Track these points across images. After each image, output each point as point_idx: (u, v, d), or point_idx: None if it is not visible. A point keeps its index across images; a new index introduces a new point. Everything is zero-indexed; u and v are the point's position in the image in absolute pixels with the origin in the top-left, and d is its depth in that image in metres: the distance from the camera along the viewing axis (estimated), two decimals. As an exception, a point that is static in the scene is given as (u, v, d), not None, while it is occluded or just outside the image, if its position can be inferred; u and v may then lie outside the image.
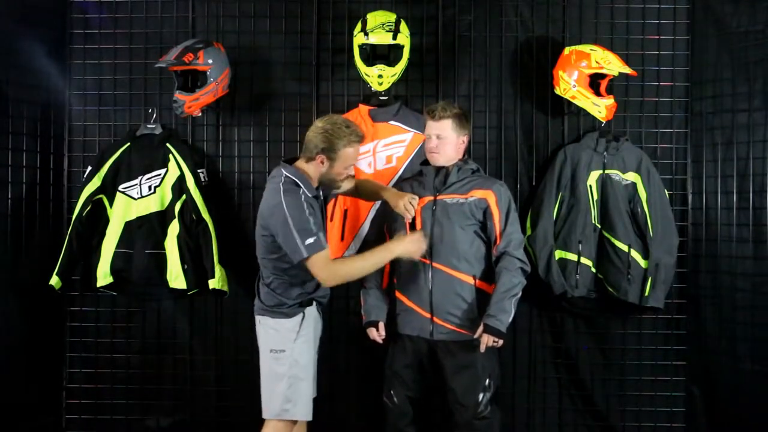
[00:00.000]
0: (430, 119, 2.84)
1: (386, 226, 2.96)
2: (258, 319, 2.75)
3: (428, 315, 2.78)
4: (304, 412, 2.67)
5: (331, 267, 2.56)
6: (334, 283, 2.61)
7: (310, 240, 2.49)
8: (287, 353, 2.65)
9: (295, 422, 2.71)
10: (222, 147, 3.49)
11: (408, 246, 2.64)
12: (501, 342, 2.70)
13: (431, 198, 2.84)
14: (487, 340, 2.67)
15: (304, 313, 2.69)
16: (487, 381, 2.78)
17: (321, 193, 2.79)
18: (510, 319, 2.71)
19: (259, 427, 2.73)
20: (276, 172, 2.67)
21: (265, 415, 2.70)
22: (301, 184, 2.61)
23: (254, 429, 2.78)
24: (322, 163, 2.63)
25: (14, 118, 3.31)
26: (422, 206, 2.83)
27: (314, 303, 2.75)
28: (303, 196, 2.56)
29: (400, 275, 2.89)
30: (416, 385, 2.89)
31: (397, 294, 2.90)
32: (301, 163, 2.68)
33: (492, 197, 2.80)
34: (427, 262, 2.78)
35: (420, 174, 2.94)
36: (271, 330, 2.69)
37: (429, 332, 2.79)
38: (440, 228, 2.79)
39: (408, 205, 2.73)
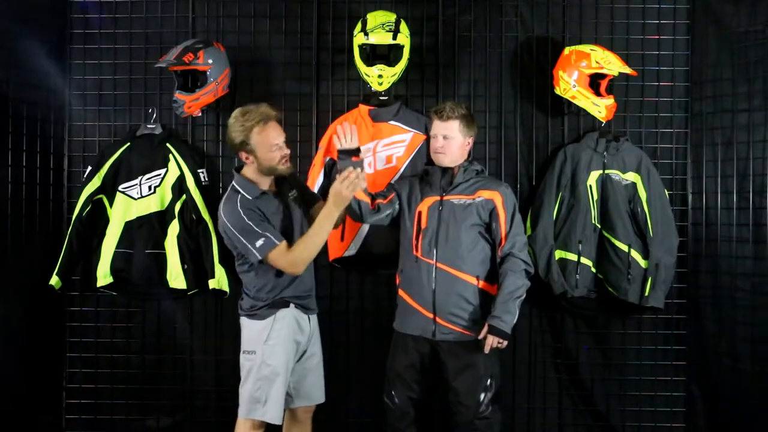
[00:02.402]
0: (437, 119, 2.84)
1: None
2: (240, 320, 2.79)
3: (431, 315, 2.78)
4: (271, 414, 2.65)
5: (290, 256, 2.60)
6: (300, 268, 2.63)
7: (260, 242, 2.55)
8: (257, 354, 2.66)
9: (264, 425, 2.70)
10: (222, 147, 3.48)
11: (340, 192, 2.59)
12: (505, 343, 2.71)
13: (438, 198, 2.84)
14: (491, 341, 2.68)
15: (275, 315, 2.68)
16: (489, 381, 2.78)
17: (291, 191, 2.79)
18: (514, 321, 2.72)
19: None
20: None
21: (239, 414, 2.72)
22: (240, 190, 2.65)
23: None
24: (248, 158, 2.65)
25: (14, 118, 3.31)
26: (429, 206, 2.84)
27: (291, 305, 2.72)
28: (240, 203, 2.60)
29: (403, 274, 2.90)
30: (417, 385, 2.89)
31: (400, 293, 2.90)
32: (244, 168, 2.73)
33: (499, 198, 2.81)
34: (431, 261, 2.78)
35: (426, 174, 2.95)
36: (246, 330, 2.73)
37: (431, 332, 2.79)
38: (446, 228, 2.79)
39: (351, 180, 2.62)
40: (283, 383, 2.67)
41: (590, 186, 3.25)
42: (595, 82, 3.22)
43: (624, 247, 3.19)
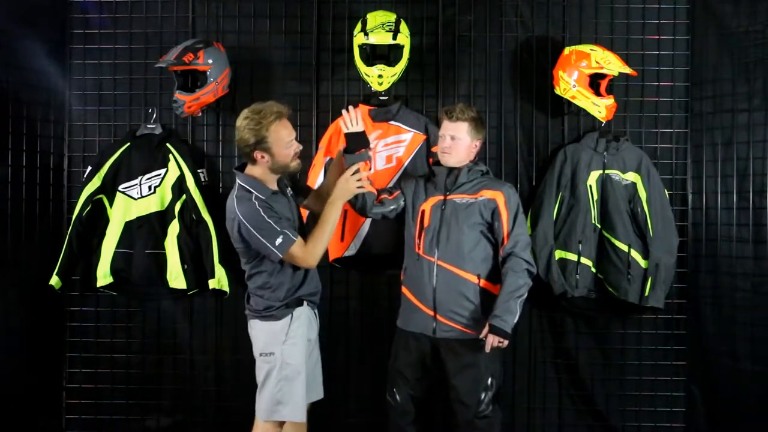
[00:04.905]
0: (446, 119, 2.85)
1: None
2: (249, 323, 2.76)
3: (432, 313, 2.79)
4: (294, 413, 2.65)
5: (307, 251, 2.62)
6: (315, 261, 2.66)
7: (279, 239, 2.54)
8: (276, 355, 2.65)
9: (282, 424, 2.70)
10: (222, 147, 3.48)
11: (344, 188, 2.72)
12: (506, 342, 2.71)
13: (441, 197, 2.86)
14: (492, 341, 2.68)
15: (292, 314, 2.68)
16: (490, 380, 2.79)
17: (287, 187, 2.80)
18: (515, 320, 2.72)
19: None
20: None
21: (257, 416, 2.72)
22: (252, 189, 2.61)
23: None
24: (263, 158, 2.61)
25: (14, 118, 3.31)
26: (432, 205, 2.86)
27: (305, 303, 2.73)
28: (257, 202, 2.58)
29: (406, 271, 2.91)
30: (419, 383, 2.90)
31: (403, 290, 2.92)
32: (249, 168, 2.68)
33: (501, 198, 2.82)
34: (432, 259, 2.79)
35: (432, 174, 2.96)
36: (261, 333, 2.71)
37: (432, 330, 2.80)
38: (447, 227, 2.80)
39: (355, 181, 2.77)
40: (304, 381, 2.67)
41: (590, 186, 3.25)
42: (595, 82, 3.22)
43: (624, 247, 3.19)
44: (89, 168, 3.31)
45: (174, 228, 3.25)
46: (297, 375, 2.65)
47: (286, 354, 2.65)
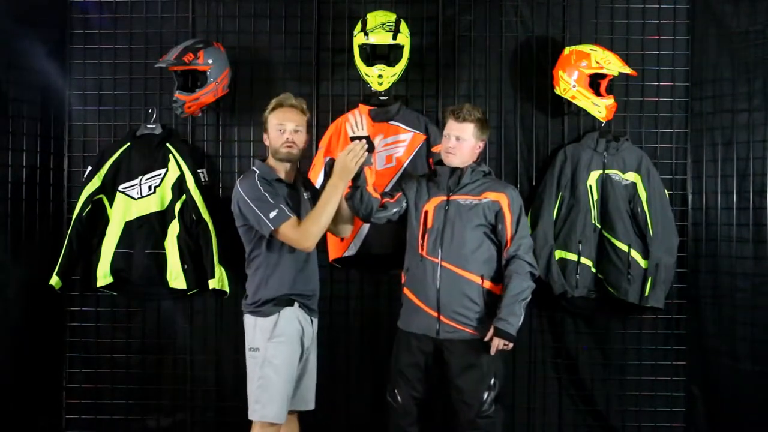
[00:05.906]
0: (453, 119, 2.84)
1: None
2: (243, 318, 2.77)
3: (435, 314, 2.79)
4: (272, 414, 2.62)
5: (301, 229, 2.62)
6: (311, 241, 2.63)
7: (274, 212, 2.59)
8: (261, 352, 2.65)
9: (278, 425, 2.68)
10: (222, 147, 3.49)
11: (344, 164, 2.67)
12: (511, 345, 2.72)
13: (444, 198, 2.85)
14: (497, 344, 2.69)
15: (280, 313, 2.67)
16: (493, 380, 2.79)
17: (305, 189, 2.83)
18: (520, 323, 2.72)
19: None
20: None
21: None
22: (257, 170, 2.72)
23: (254, 429, 2.78)
24: (265, 138, 2.78)
25: (14, 118, 3.31)
26: (435, 205, 2.85)
27: (296, 304, 2.71)
28: (257, 178, 2.67)
29: (408, 272, 2.91)
30: (420, 384, 2.89)
31: (405, 291, 2.91)
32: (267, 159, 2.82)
33: (505, 200, 2.82)
34: (436, 260, 2.79)
35: (434, 174, 2.95)
36: (250, 328, 2.72)
37: (435, 331, 2.79)
38: (451, 228, 2.80)
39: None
40: (286, 381, 2.65)
41: (590, 186, 3.25)
42: (595, 82, 3.22)
43: (624, 247, 3.19)
44: (89, 168, 3.31)
45: (174, 228, 3.25)
46: (277, 375, 2.63)
47: (270, 351, 2.64)
